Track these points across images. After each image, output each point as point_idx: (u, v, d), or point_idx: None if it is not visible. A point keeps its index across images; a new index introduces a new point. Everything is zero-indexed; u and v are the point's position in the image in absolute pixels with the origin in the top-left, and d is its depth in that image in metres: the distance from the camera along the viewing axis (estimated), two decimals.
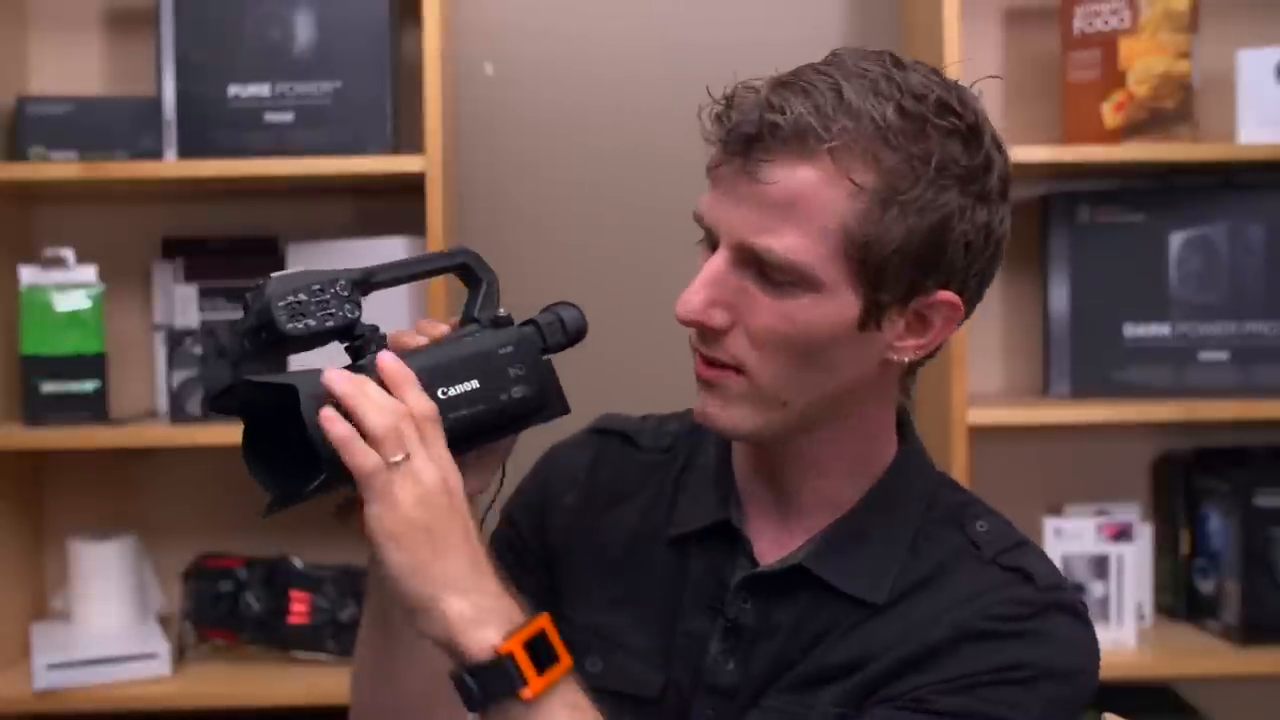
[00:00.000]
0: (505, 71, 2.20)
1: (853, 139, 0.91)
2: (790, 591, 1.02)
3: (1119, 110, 2.00)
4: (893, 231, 0.92)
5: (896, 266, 0.93)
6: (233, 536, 2.13)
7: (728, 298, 0.96)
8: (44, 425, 1.95)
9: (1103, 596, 2.01)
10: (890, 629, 0.99)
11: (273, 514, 0.90)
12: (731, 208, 0.95)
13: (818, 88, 0.93)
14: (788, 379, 0.96)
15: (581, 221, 2.19)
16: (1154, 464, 2.23)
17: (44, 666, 1.90)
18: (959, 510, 1.05)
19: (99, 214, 2.15)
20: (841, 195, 0.92)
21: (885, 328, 0.96)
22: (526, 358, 0.97)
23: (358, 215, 2.16)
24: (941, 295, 0.96)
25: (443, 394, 0.92)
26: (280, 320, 0.90)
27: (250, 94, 1.95)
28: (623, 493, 1.12)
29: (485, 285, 1.00)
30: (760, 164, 0.92)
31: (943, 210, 0.93)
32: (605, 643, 1.06)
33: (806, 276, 0.93)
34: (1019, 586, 0.98)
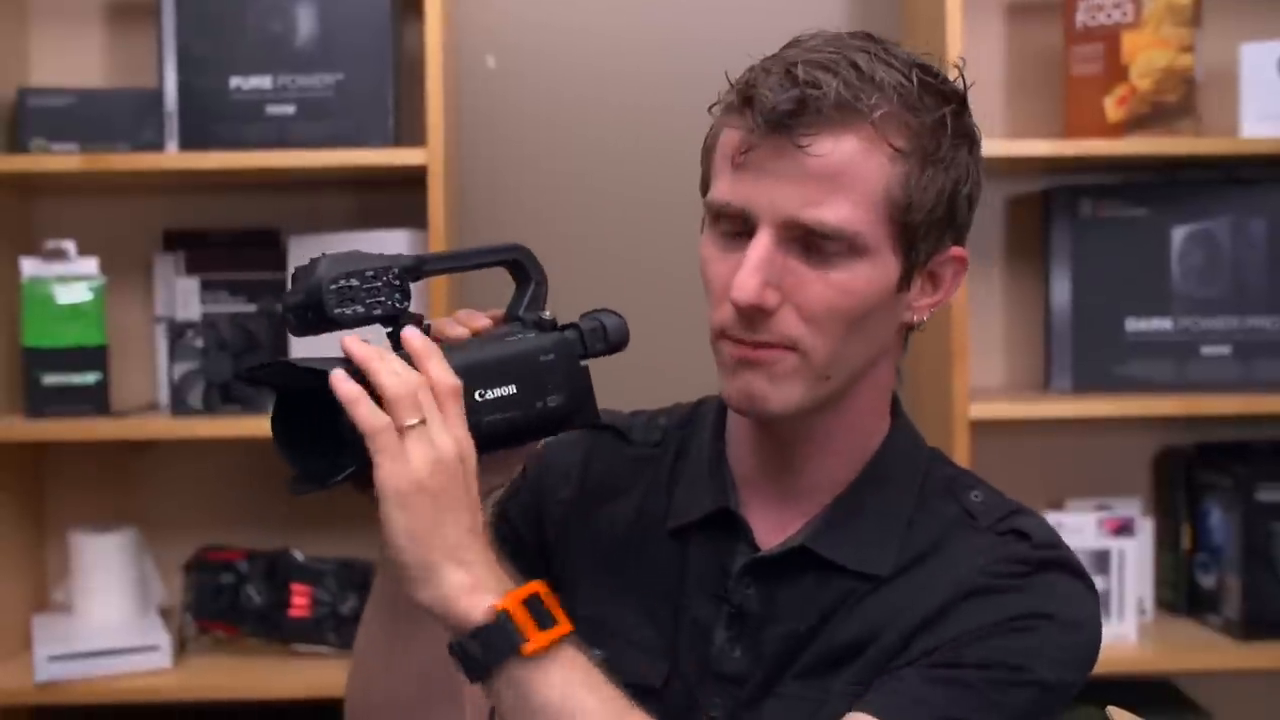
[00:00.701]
0: (507, 64, 2.20)
1: (885, 106, 0.95)
2: (793, 573, 1.02)
3: (1121, 104, 2.00)
4: (928, 192, 0.97)
5: (928, 226, 0.98)
6: (234, 529, 2.12)
7: (775, 277, 0.97)
8: (45, 417, 1.95)
9: (1104, 591, 2.01)
10: (894, 600, 1.00)
11: (299, 494, 0.89)
12: (772, 186, 0.96)
13: (836, 63, 0.95)
14: (838, 351, 0.98)
15: (583, 215, 2.19)
16: (1155, 459, 2.22)
17: (45, 658, 1.90)
18: (952, 482, 1.07)
19: (100, 206, 2.15)
20: (884, 161, 0.95)
21: (913, 289, 1.00)
22: (566, 365, 0.97)
23: (359, 208, 2.16)
24: (951, 251, 1.01)
25: (480, 396, 0.92)
26: (329, 303, 0.89)
27: (252, 86, 1.95)
28: (616, 487, 1.13)
29: (534, 285, 1.00)
30: (805, 137, 0.94)
31: (960, 168, 0.99)
32: (607, 634, 1.06)
33: (857, 244, 0.95)
34: (1015, 545, 1.00)
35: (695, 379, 1.81)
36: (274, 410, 0.91)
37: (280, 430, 0.91)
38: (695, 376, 1.99)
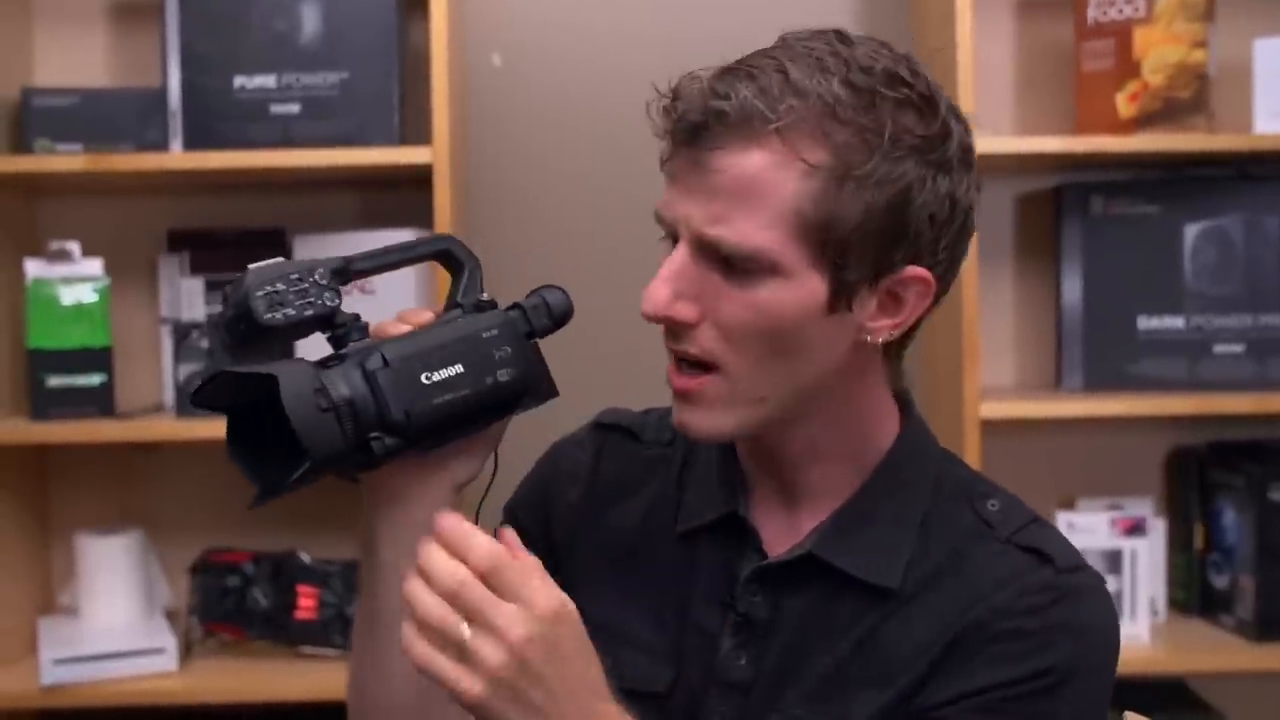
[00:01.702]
0: (513, 63, 2.19)
1: (801, 118, 0.90)
2: (801, 581, 1.00)
3: (1133, 100, 1.98)
4: (850, 208, 0.91)
5: (859, 244, 0.92)
6: (239, 531, 2.11)
7: (693, 290, 0.94)
8: (50, 419, 1.94)
9: (1116, 592, 1.99)
10: (912, 627, 0.97)
11: (261, 505, 0.89)
12: (685, 200, 0.94)
13: (763, 70, 0.92)
14: (762, 371, 0.95)
15: (589, 213, 2.18)
16: (1168, 458, 2.21)
17: (51, 661, 1.89)
18: (966, 487, 1.03)
19: (104, 207, 2.14)
20: (794, 176, 0.90)
21: (856, 308, 0.95)
22: (511, 341, 0.96)
23: (365, 207, 2.15)
24: (911, 271, 0.95)
25: (426, 379, 0.91)
26: (258, 310, 0.89)
27: (256, 85, 1.94)
28: (627, 488, 1.11)
29: (468, 271, 0.98)
30: (709, 152, 0.91)
31: (901, 182, 0.92)
32: (613, 638, 1.03)
33: (766, 263, 0.92)
34: (1039, 570, 0.97)
35: None
36: (228, 428, 0.90)
37: (236, 446, 0.90)
38: None
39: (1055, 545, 0.99)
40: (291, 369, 0.87)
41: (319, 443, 0.86)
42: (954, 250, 0.97)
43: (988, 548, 0.99)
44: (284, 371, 0.86)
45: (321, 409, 0.86)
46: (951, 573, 0.98)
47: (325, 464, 0.86)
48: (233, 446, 0.90)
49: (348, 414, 0.88)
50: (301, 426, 0.85)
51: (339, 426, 0.87)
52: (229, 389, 0.88)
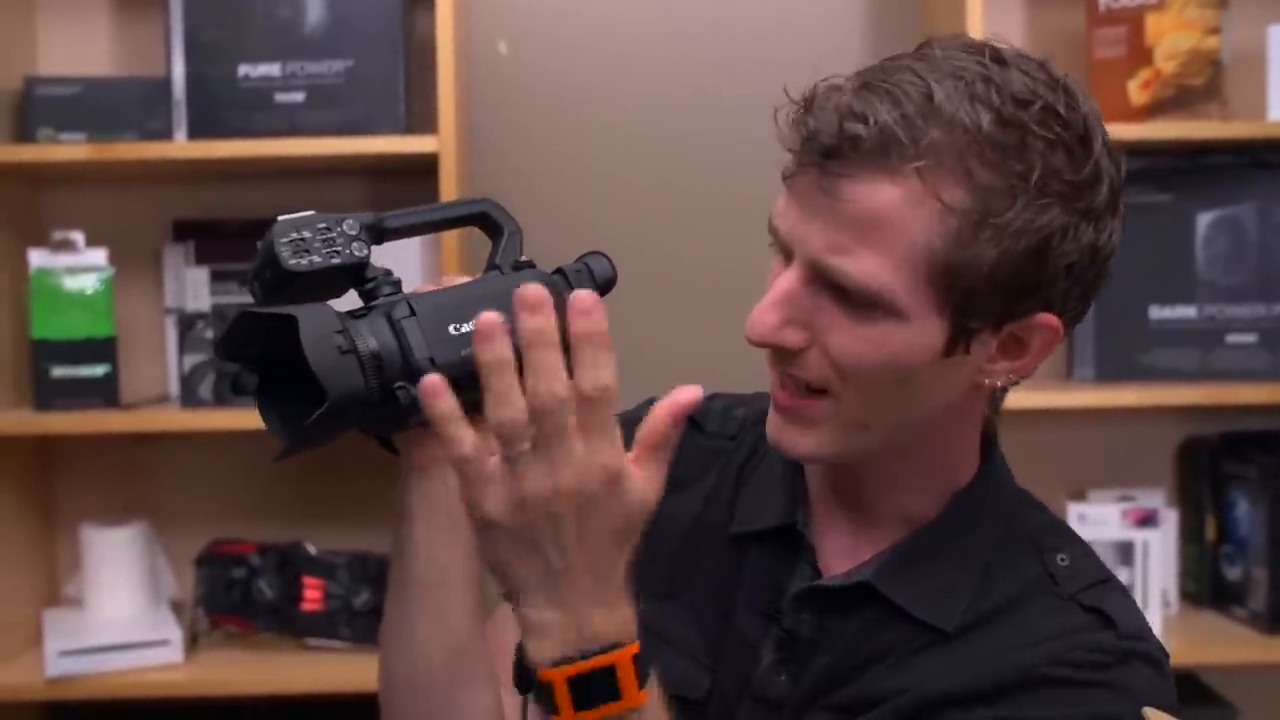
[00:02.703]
0: (519, 51, 2.17)
1: (943, 153, 0.83)
2: (852, 606, 0.95)
3: (1146, 88, 1.96)
4: (985, 256, 0.84)
5: (988, 292, 0.85)
6: (245, 522, 2.11)
7: (803, 316, 0.89)
8: (54, 410, 1.93)
9: (1127, 584, 1.98)
10: (954, 659, 0.92)
11: (286, 457, 0.85)
12: (806, 222, 0.87)
13: (906, 92, 0.83)
14: (871, 402, 0.89)
15: (596, 202, 2.16)
16: (1180, 449, 2.19)
17: (56, 653, 1.88)
18: (1038, 536, 0.97)
19: (109, 196, 2.12)
20: (928, 216, 0.83)
21: (975, 351, 0.89)
22: None
23: (370, 196, 2.14)
24: (1040, 318, 0.88)
25: (455, 329, 0.87)
26: (283, 256, 0.85)
27: (261, 74, 1.92)
28: (682, 479, 1.04)
29: (507, 234, 0.95)
30: (838, 180, 0.84)
31: (1043, 231, 0.84)
32: (651, 638, 0.98)
33: (886, 303, 0.85)
34: (1098, 632, 0.91)
35: (710, 364, 1.78)
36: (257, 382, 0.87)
37: (266, 402, 0.87)
38: (712, 363, 1.97)
39: (1120, 610, 0.93)
40: (313, 310, 0.83)
41: (337, 382, 0.82)
42: (1087, 297, 0.91)
43: (1048, 602, 0.93)
44: (304, 312, 0.83)
45: (342, 350, 0.83)
46: (1007, 619, 0.93)
47: (345, 406, 0.82)
48: (261, 403, 0.87)
49: (371, 362, 0.84)
50: (319, 365, 0.82)
51: (360, 370, 0.84)
52: (254, 338, 0.85)
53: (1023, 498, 1.01)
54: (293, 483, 2.09)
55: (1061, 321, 0.89)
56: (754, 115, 2.16)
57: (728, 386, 1.13)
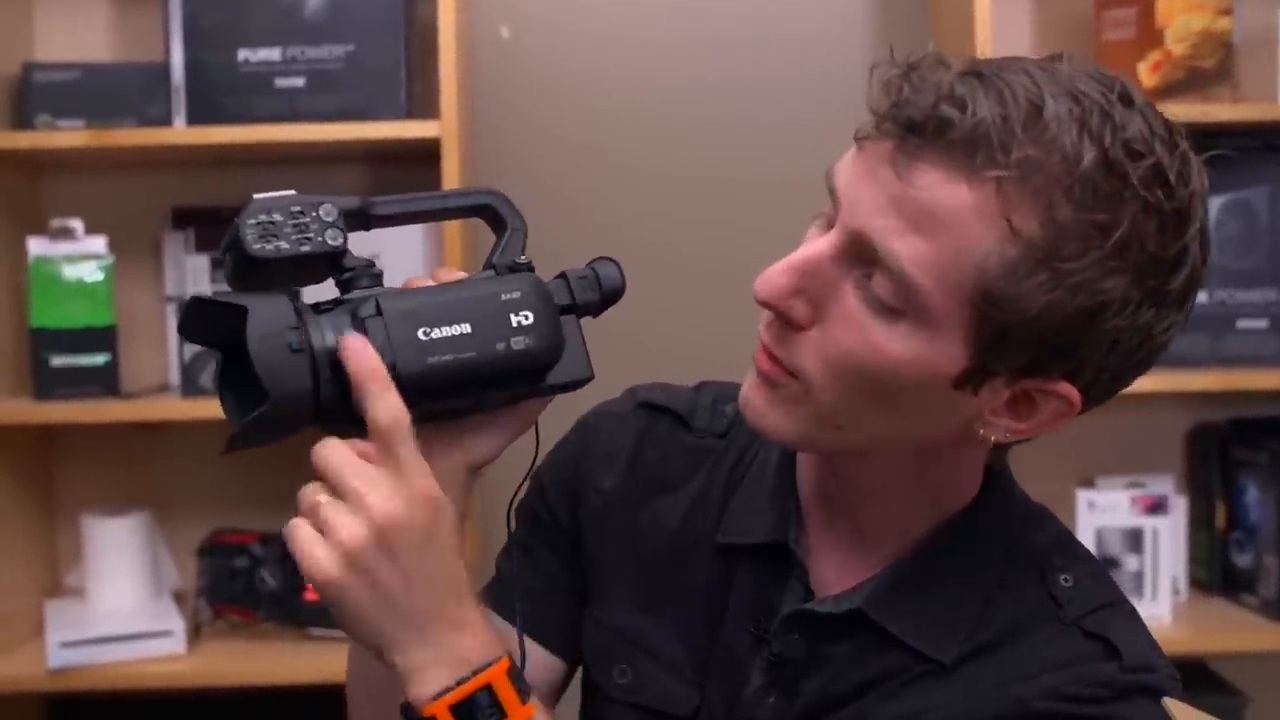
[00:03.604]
0: (521, 35, 2.15)
1: (1031, 173, 0.75)
2: (845, 631, 0.91)
3: (1155, 70, 1.94)
4: (1033, 299, 0.76)
5: (1022, 337, 0.78)
6: (247, 511, 2.09)
7: (819, 291, 0.82)
8: (54, 399, 1.92)
9: (1137, 571, 1.97)
10: (951, 691, 0.87)
11: (231, 451, 0.81)
12: (866, 189, 0.79)
13: (1015, 94, 0.76)
14: (851, 408, 0.83)
15: (598, 188, 2.15)
16: (1189, 435, 2.17)
17: (57, 644, 1.87)
18: (1041, 557, 0.91)
19: (108, 183, 2.11)
20: (992, 234, 0.76)
21: (983, 395, 0.81)
22: (536, 307, 0.84)
23: (372, 182, 2.12)
24: (1060, 386, 0.81)
25: (424, 335, 0.80)
26: (248, 240, 0.79)
27: (260, 59, 1.90)
28: (668, 481, 1.01)
29: (509, 231, 0.88)
30: (914, 161, 0.77)
31: (1102, 295, 0.77)
32: (636, 651, 0.97)
33: (919, 304, 0.78)
34: (1101, 664, 0.86)
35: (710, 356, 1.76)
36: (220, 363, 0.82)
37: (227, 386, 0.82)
38: (710, 353, 1.95)
39: (1127, 637, 0.87)
40: (268, 303, 0.78)
41: (281, 382, 0.76)
42: (1117, 383, 0.83)
43: (1050, 628, 0.88)
44: (257, 304, 0.77)
45: (292, 349, 0.77)
46: (1007, 647, 0.88)
47: (289, 408, 0.77)
48: (223, 388, 0.82)
49: (326, 361, 0.78)
50: (263, 363, 0.76)
51: (311, 371, 0.78)
52: (214, 322, 0.80)
53: (1031, 516, 0.95)
54: (295, 471, 2.05)
55: (1082, 398, 0.82)
56: (758, 100, 2.15)
57: (730, 376, 1.09)
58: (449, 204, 0.90)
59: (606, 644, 0.98)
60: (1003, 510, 0.93)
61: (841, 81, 2.14)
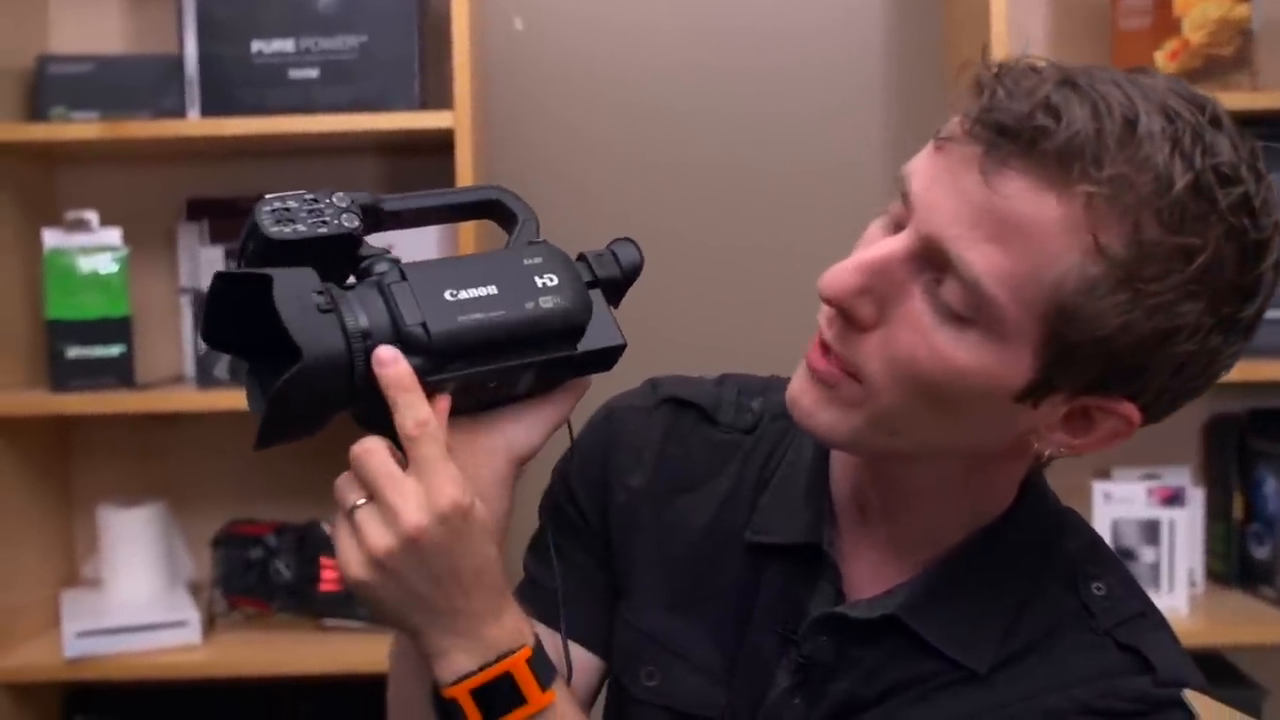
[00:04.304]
0: (535, 26, 2.15)
1: (1123, 191, 0.74)
2: (876, 635, 0.90)
3: (1173, 59, 1.92)
4: (1108, 318, 0.75)
5: (1090, 355, 0.77)
6: (262, 502, 2.10)
7: (886, 292, 0.80)
8: (69, 390, 1.92)
9: (1153, 563, 1.96)
10: (982, 700, 0.87)
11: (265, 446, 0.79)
12: (945, 194, 0.78)
13: (1110, 107, 0.74)
14: (907, 414, 0.81)
15: (612, 178, 2.14)
16: (1206, 426, 2.16)
17: (74, 634, 1.88)
18: (1074, 564, 0.91)
19: (122, 175, 2.11)
20: (1076, 250, 0.74)
21: (1043, 409, 0.81)
22: (559, 271, 0.82)
23: (386, 173, 2.12)
24: (1122, 405, 0.80)
25: (451, 295, 0.79)
26: (264, 224, 0.78)
27: (274, 50, 1.90)
28: (694, 478, 0.99)
29: (521, 222, 0.87)
30: (1002, 168, 0.75)
31: (1177, 320, 0.76)
32: (664, 652, 0.96)
33: (991, 315, 0.77)
34: (1134, 678, 0.85)
35: (727, 345, 1.76)
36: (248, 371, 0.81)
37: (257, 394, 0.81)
38: (727, 343, 1.95)
39: (1159, 649, 0.87)
40: (291, 271, 0.76)
41: (314, 340, 0.75)
42: (1175, 404, 0.83)
43: (1083, 638, 0.87)
44: (281, 273, 0.76)
45: (321, 309, 0.76)
46: (1040, 655, 0.87)
47: (324, 370, 0.75)
48: (252, 393, 0.81)
49: (357, 331, 0.77)
50: (293, 322, 0.74)
51: (342, 332, 0.77)
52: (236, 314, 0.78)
53: (1064, 521, 0.94)
54: (309, 462, 2.06)
55: (1141, 418, 0.81)
56: (772, 90, 2.15)
57: (747, 367, 1.08)
58: (456, 201, 0.89)
59: (635, 646, 0.97)
60: (1036, 517, 0.92)
61: (856, 70, 2.14)
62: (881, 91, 2.14)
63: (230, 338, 0.81)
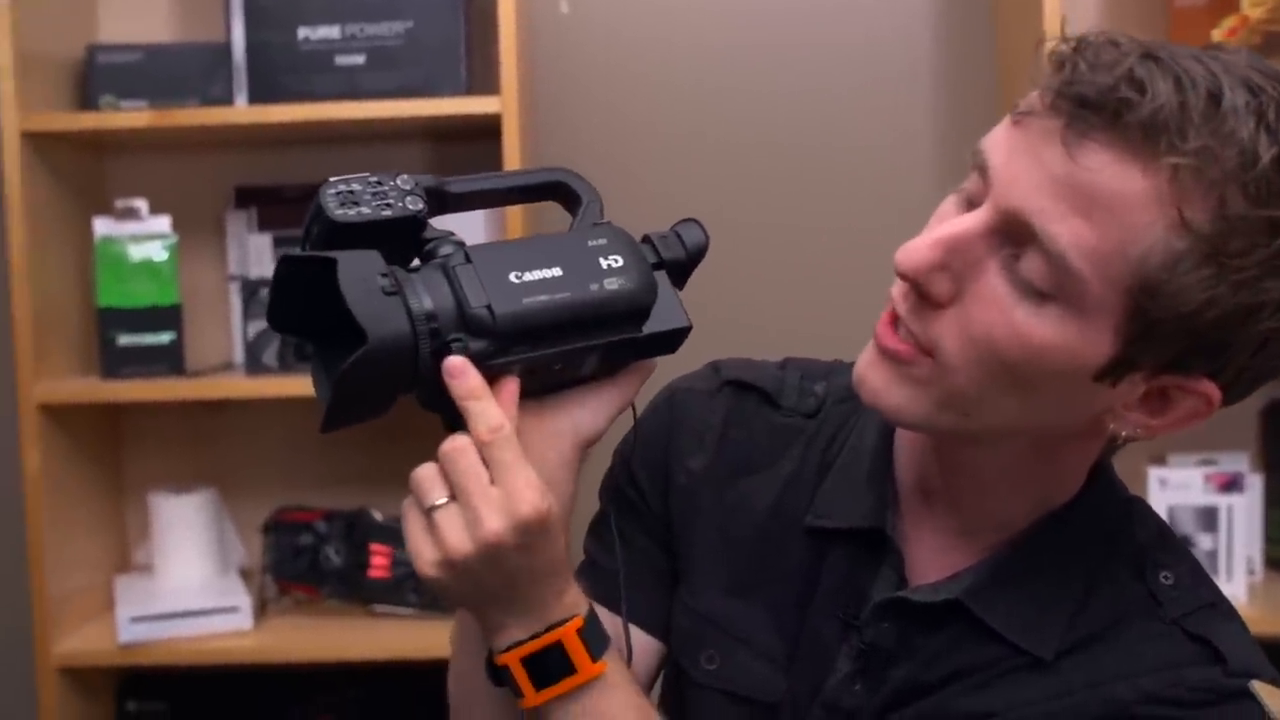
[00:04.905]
0: (581, 9, 2.13)
1: (1208, 164, 0.72)
2: (939, 621, 0.89)
3: (1231, 36, 1.88)
4: (1193, 294, 0.74)
5: (1173, 332, 0.76)
6: (311, 489, 2.11)
7: (963, 268, 0.79)
8: (120, 378, 1.94)
9: (1211, 550, 1.92)
10: (1047, 687, 0.86)
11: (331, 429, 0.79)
12: (1026, 168, 0.76)
13: (1194, 80, 0.73)
14: (982, 393, 0.80)
15: (659, 162, 2.13)
16: (1264, 410, 2.12)
17: (128, 619, 1.89)
18: (1143, 553, 0.89)
19: (171, 163, 2.12)
20: (1161, 224, 0.73)
21: (1121, 388, 0.79)
22: (624, 252, 0.82)
23: (433, 159, 2.12)
24: (1201, 384, 0.79)
25: (516, 278, 0.79)
26: (329, 207, 0.79)
27: (320, 36, 1.90)
28: (756, 461, 0.98)
29: (585, 203, 0.86)
30: (1085, 140, 0.74)
31: (1261, 296, 0.74)
32: (724, 637, 0.96)
33: (1073, 290, 0.75)
34: (1205, 668, 0.84)
35: (781, 327, 1.74)
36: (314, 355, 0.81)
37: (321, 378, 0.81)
38: (781, 325, 1.93)
39: (1230, 640, 0.85)
40: (355, 253, 0.76)
41: (379, 323, 0.74)
42: (1255, 384, 0.82)
43: (1150, 626, 0.86)
44: (346, 255, 0.76)
45: (386, 292, 0.76)
46: (1106, 644, 0.86)
47: (389, 352, 0.75)
48: (316, 376, 0.81)
49: (422, 313, 0.77)
50: (358, 304, 0.74)
51: (407, 314, 0.76)
52: (301, 297, 0.78)
53: (1132, 509, 0.93)
54: (359, 449, 2.08)
55: (1221, 397, 0.80)
56: (820, 70, 2.12)
57: (812, 351, 1.07)
58: (520, 183, 0.88)
59: (695, 629, 0.96)
60: (1104, 503, 0.91)
61: (905, 49, 2.11)
62: (930, 72, 2.11)
63: (295, 321, 0.80)
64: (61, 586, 1.93)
